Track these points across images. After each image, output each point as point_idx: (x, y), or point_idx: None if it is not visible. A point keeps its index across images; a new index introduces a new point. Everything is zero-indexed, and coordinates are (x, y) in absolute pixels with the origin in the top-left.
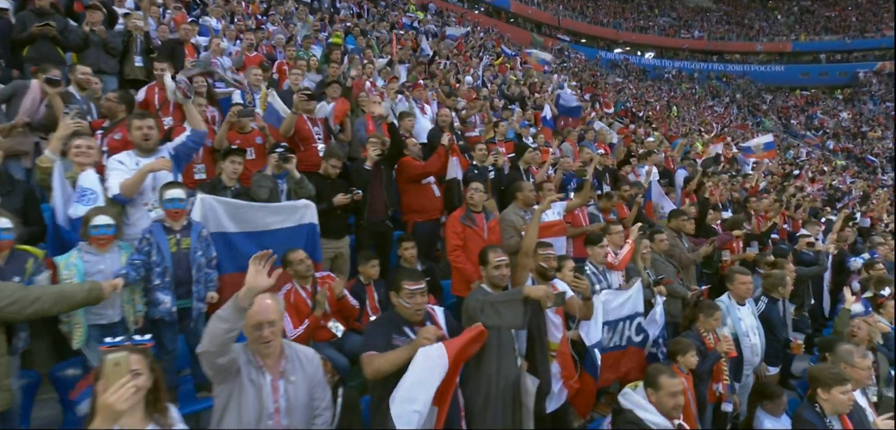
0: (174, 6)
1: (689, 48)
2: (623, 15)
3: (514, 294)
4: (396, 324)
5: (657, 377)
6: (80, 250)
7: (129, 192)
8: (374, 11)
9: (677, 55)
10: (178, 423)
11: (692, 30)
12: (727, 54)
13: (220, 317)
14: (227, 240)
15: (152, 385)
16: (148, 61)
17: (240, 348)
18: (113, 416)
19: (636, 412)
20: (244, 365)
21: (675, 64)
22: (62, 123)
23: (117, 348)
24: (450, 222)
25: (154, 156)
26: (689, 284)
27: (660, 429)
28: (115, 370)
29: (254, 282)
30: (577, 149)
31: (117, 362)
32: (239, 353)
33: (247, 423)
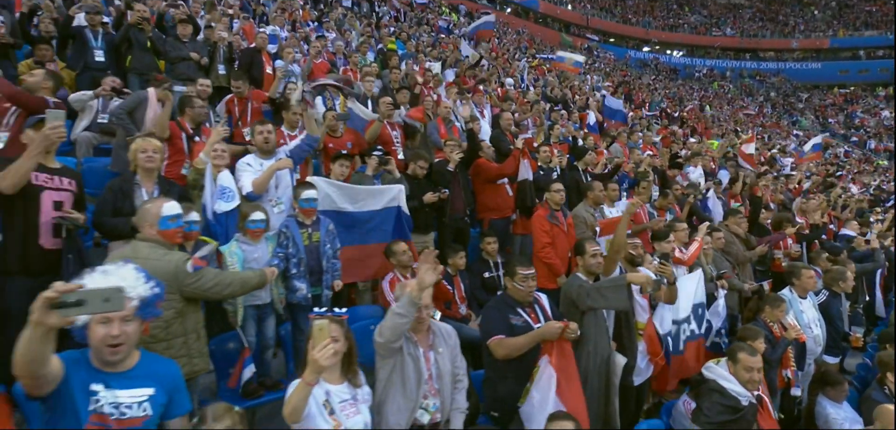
0: (243, 16)
1: (721, 46)
2: (652, 13)
3: (618, 280)
4: (510, 305)
5: (737, 352)
6: (237, 241)
7: (259, 189)
8: (411, 15)
9: (708, 53)
10: (364, 385)
11: (723, 27)
12: (761, 52)
13: (398, 313)
14: (340, 217)
15: (347, 351)
16: (229, 70)
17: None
18: (317, 369)
19: (718, 380)
20: (404, 342)
21: (705, 62)
22: (216, 131)
23: (321, 317)
24: (537, 221)
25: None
26: (744, 279)
27: (739, 396)
28: (320, 334)
29: (424, 278)
30: (626, 150)
31: (321, 327)
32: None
33: (409, 389)
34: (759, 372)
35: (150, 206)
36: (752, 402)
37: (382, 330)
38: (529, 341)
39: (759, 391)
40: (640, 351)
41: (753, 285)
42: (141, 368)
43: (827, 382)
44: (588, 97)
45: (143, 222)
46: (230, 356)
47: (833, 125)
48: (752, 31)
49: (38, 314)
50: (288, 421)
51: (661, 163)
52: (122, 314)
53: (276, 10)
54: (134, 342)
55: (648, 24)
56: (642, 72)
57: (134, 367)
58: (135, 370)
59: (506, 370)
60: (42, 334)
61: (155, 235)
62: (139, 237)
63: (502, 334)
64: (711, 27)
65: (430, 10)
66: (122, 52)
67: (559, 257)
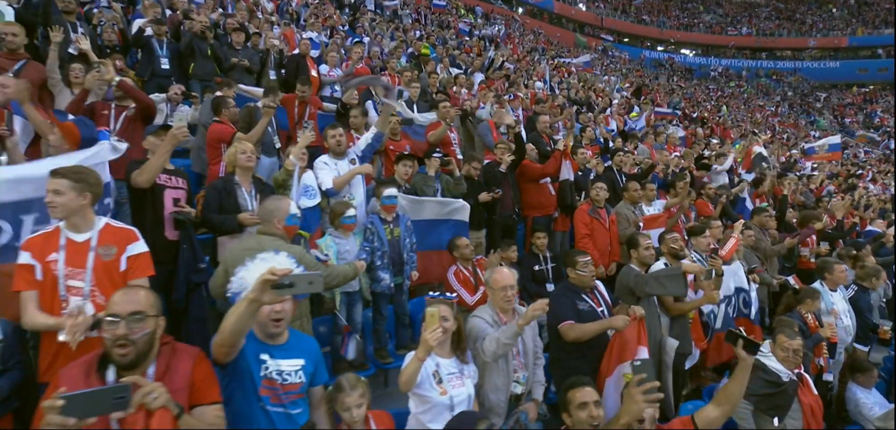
0: (283, 22)
1: (737, 46)
2: (667, 13)
3: (674, 270)
4: (575, 292)
5: (778, 333)
6: (331, 235)
7: (339, 187)
8: (431, 17)
9: (723, 53)
10: (471, 363)
11: (739, 26)
12: (777, 51)
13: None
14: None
15: (456, 330)
16: (279, 75)
17: (488, 308)
18: (427, 348)
19: (760, 359)
20: (491, 324)
21: (721, 62)
22: (304, 135)
23: (436, 301)
24: (579, 215)
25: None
26: (773, 274)
27: (780, 373)
28: (431, 319)
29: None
30: (653, 151)
31: (433, 313)
32: (487, 312)
33: (508, 368)
34: (797, 353)
35: (280, 204)
36: (793, 379)
37: (487, 349)
38: (599, 328)
39: (799, 369)
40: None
41: (781, 279)
42: (292, 342)
43: (857, 369)
44: (611, 99)
45: (272, 217)
46: (323, 338)
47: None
48: (769, 30)
49: (256, 293)
50: (402, 389)
51: (687, 164)
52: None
53: (310, 16)
54: (289, 319)
55: (663, 24)
56: (657, 72)
57: (288, 341)
58: (289, 343)
59: (574, 351)
60: (255, 309)
61: (280, 230)
62: (261, 231)
63: (571, 318)
64: (727, 26)
65: (448, 13)
66: (186, 59)
67: (598, 250)
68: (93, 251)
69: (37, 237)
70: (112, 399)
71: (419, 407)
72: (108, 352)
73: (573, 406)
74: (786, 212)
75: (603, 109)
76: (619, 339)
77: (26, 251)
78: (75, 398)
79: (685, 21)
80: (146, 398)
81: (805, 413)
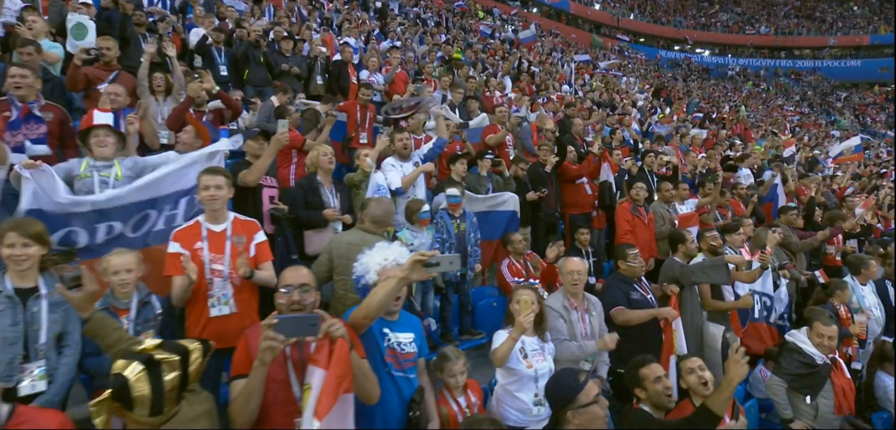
0: (322, 29)
1: (755, 45)
2: (683, 12)
3: (718, 261)
4: (627, 282)
5: (813, 320)
6: (408, 229)
7: (406, 186)
8: (452, 20)
9: (740, 52)
10: (549, 342)
11: (757, 25)
12: (796, 50)
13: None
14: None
15: (539, 312)
16: (325, 80)
17: (560, 294)
18: (522, 330)
19: (797, 342)
20: (562, 309)
21: (738, 61)
22: (380, 140)
23: (523, 287)
24: (621, 212)
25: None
26: (801, 270)
27: (814, 356)
28: (526, 303)
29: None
30: (679, 152)
31: (527, 300)
32: (559, 299)
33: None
34: (831, 339)
35: (386, 205)
36: (827, 362)
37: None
38: (647, 315)
39: (834, 354)
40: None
41: (808, 274)
42: (404, 319)
43: (885, 358)
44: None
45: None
46: None
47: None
48: (788, 29)
49: (407, 271)
50: (496, 363)
51: (713, 165)
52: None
53: (343, 22)
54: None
55: (679, 24)
56: (673, 72)
57: (400, 318)
58: (401, 320)
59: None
60: (403, 285)
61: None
62: (363, 227)
63: (622, 305)
64: (744, 25)
65: (470, 15)
66: (241, 66)
67: (639, 245)
68: (229, 240)
69: (183, 229)
70: (308, 325)
71: (507, 378)
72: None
73: (648, 382)
74: (813, 212)
75: (626, 110)
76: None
77: (176, 242)
78: (284, 320)
79: (702, 20)
80: (331, 329)
81: (837, 393)
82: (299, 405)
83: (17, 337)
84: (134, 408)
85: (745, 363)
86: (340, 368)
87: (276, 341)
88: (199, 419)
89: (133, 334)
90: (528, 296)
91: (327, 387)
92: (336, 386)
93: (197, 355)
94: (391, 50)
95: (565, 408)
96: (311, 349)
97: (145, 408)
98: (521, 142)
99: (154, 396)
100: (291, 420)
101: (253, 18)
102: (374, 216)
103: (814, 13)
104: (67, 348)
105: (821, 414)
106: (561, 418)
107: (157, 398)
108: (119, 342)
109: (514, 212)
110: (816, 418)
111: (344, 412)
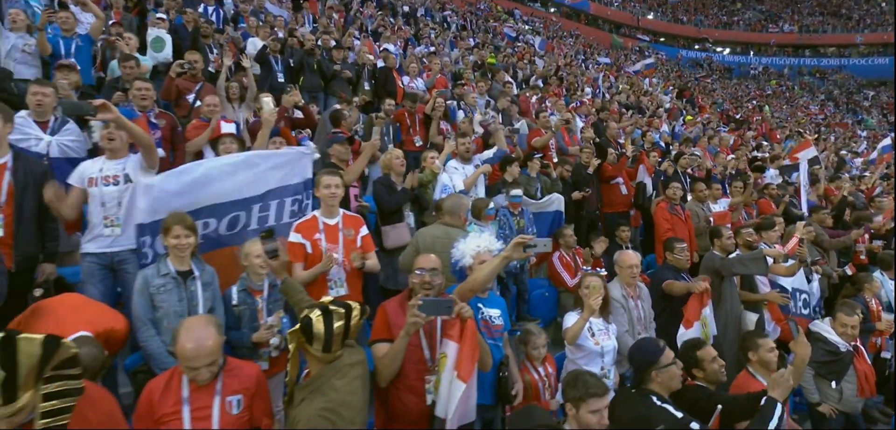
0: (364, 36)
1: (778, 43)
2: (704, 11)
3: (757, 254)
4: (675, 271)
5: (837, 311)
6: (475, 224)
7: (468, 186)
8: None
9: (762, 51)
10: (613, 323)
11: (780, 23)
12: (821, 48)
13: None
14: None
15: (605, 298)
16: (372, 86)
17: (617, 284)
18: (592, 311)
19: (822, 332)
20: (621, 298)
21: (761, 60)
22: (448, 144)
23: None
24: (660, 211)
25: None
26: (832, 267)
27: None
28: (595, 289)
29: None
30: (707, 153)
31: (596, 285)
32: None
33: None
34: (853, 328)
35: (464, 202)
36: (850, 350)
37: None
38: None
39: (856, 342)
40: (766, 317)
41: (840, 271)
42: (492, 297)
43: None
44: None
45: (455, 212)
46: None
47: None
48: (813, 27)
49: (510, 252)
50: (568, 341)
51: (742, 167)
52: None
53: (378, 28)
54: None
55: (700, 23)
56: (695, 71)
57: (490, 296)
58: (491, 298)
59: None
60: (505, 264)
61: (461, 222)
62: (443, 222)
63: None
64: (768, 23)
65: (493, 17)
66: (296, 73)
67: None
68: (341, 232)
69: (302, 223)
70: (445, 307)
71: (576, 354)
72: (415, 291)
73: (706, 362)
74: (844, 212)
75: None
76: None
77: (297, 233)
78: (426, 302)
79: (723, 19)
80: (461, 311)
81: (859, 378)
82: (429, 366)
83: (183, 311)
84: (312, 342)
85: (808, 344)
86: (471, 341)
87: (419, 318)
88: (355, 367)
89: (265, 311)
90: (595, 282)
91: (464, 356)
92: (471, 355)
93: (357, 313)
94: (429, 56)
95: (649, 369)
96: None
97: (320, 343)
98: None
99: (326, 335)
100: (422, 376)
101: (298, 26)
102: (452, 211)
103: (840, 10)
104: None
105: (845, 398)
106: (645, 377)
107: (328, 338)
108: (302, 302)
109: (560, 211)
110: (841, 401)
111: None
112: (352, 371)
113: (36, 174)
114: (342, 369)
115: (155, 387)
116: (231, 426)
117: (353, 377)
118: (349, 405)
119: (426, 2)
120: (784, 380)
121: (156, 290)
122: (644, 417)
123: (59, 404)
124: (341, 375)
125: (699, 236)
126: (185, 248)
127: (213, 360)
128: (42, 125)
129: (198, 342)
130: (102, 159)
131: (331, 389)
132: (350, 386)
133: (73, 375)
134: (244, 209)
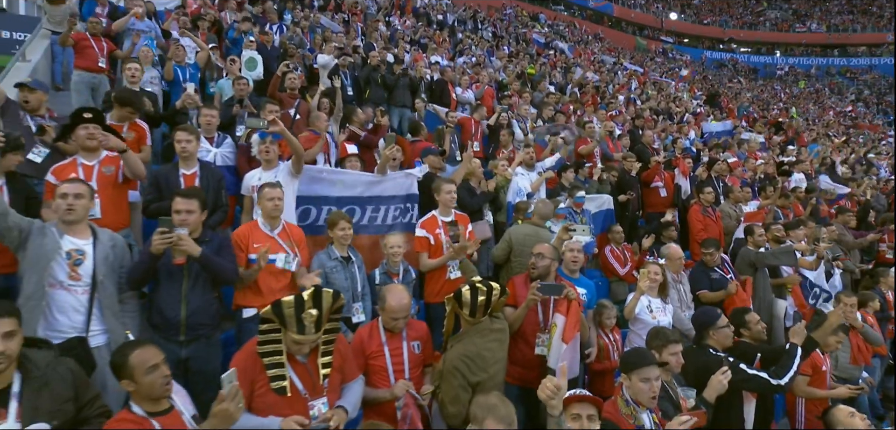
0: (413, 49)
1: (807, 43)
2: (729, 11)
3: (788, 248)
4: (709, 267)
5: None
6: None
7: (535, 190)
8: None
9: (789, 51)
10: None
11: (808, 22)
12: (849, 47)
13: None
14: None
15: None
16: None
17: (667, 269)
18: (641, 291)
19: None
20: (672, 281)
21: (788, 61)
22: (520, 154)
23: (651, 263)
24: (694, 214)
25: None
26: (855, 264)
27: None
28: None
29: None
30: (738, 159)
31: (649, 269)
32: (669, 274)
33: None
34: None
35: (549, 206)
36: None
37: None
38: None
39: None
40: (789, 302)
41: (862, 267)
42: (581, 277)
43: None
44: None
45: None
46: None
47: None
48: (842, 25)
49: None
50: (627, 316)
51: (771, 171)
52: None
53: (421, 38)
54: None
55: (725, 24)
56: (719, 73)
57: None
58: (580, 278)
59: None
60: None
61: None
62: (531, 222)
63: (705, 288)
64: (794, 23)
65: (521, 23)
66: (362, 86)
67: None
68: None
69: (426, 220)
70: (558, 290)
71: (636, 327)
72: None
73: (752, 323)
74: (868, 213)
75: (682, 118)
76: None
77: (422, 228)
78: (545, 285)
79: (748, 19)
80: (568, 293)
81: (852, 348)
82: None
83: (348, 288)
84: (462, 308)
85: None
86: (575, 316)
87: (537, 296)
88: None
89: None
90: (652, 267)
91: (570, 325)
92: (574, 325)
93: (497, 292)
94: (475, 67)
95: (708, 328)
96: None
97: (467, 309)
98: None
99: (472, 303)
100: (534, 333)
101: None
102: (541, 213)
103: (870, 8)
104: (367, 297)
105: (840, 364)
106: (705, 335)
107: (474, 305)
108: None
109: (610, 210)
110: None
111: (574, 346)
112: (491, 335)
113: (215, 179)
114: (483, 331)
115: (363, 334)
116: (414, 361)
117: (491, 339)
118: (484, 358)
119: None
120: (800, 330)
121: (329, 270)
122: (704, 363)
123: (331, 336)
124: (482, 335)
125: (728, 233)
126: (348, 238)
127: (406, 314)
128: (209, 140)
129: (400, 301)
130: (260, 170)
131: (472, 344)
132: (488, 344)
133: (337, 318)
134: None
